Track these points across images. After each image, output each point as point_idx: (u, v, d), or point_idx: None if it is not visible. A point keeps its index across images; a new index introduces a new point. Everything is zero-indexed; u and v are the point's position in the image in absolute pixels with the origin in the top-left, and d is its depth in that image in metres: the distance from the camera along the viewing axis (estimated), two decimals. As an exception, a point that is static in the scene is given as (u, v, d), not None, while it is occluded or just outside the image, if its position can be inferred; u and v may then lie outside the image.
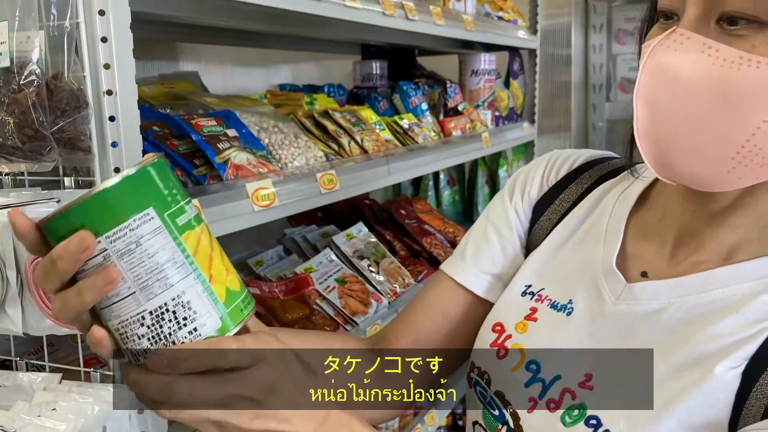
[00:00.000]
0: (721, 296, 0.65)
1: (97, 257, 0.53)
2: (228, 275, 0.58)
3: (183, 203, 0.57)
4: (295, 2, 1.20)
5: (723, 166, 0.60)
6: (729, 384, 0.61)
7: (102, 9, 0.84)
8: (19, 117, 0.77)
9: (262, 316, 1.41)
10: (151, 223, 0.54)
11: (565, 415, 0.68)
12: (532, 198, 0.86)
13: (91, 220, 0.53)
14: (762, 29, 0.56)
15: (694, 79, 0.58)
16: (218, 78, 1.97)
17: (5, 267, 0.88)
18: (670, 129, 0.61)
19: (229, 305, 0.57)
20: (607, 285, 0.72)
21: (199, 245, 0.56)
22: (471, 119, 2.15)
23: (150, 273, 0.54)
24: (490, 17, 2.38)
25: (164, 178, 0.56)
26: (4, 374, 0.96)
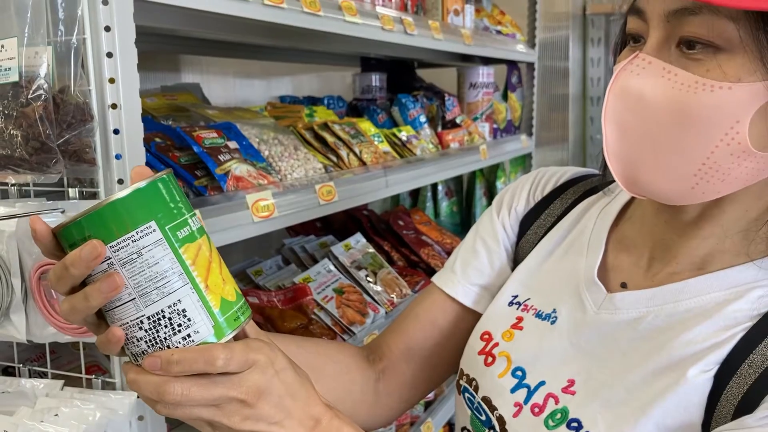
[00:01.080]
0: (695, 305, 0.68)
1: (103, 264, 0.56)
2: (225, 285, 0.61)
3: (187, 216, 0.60)
4: (297, 18, 1.23)
5: (686, 182, 0.63)
6: (701, 387, 0.64)
7: (108, 25, 0.86)
8: (27, 130, 0.80)
9: (261, 325, 1.42)
10: (153, 236, 0.57)
11: (548, 419, 0.71)
12: (519, 213, 0.90)
13: (100, 229, 0.56)
14: (716, 54, 0.60)
15: (655, 102, 0.62)
16: (220, 89, 2.00)
17: (10, 275, 0.90)
18: (635, 149, 0.65)
19: (225, 313, 0.60)
20: (589, 295, 0.76)
21: (198, 257, 0.59)
22: (469, 131, 2.18)
23: (149, 281, 0.57)
24: (489, 31, 2.42)
25: (170, 192, 0.59)
26: (7, 380, 0.98)
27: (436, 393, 2.15)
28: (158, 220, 0.57)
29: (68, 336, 0.92)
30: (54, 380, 0.96)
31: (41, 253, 0.58)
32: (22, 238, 0.89)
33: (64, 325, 0.91)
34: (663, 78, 0.61)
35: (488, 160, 2.19)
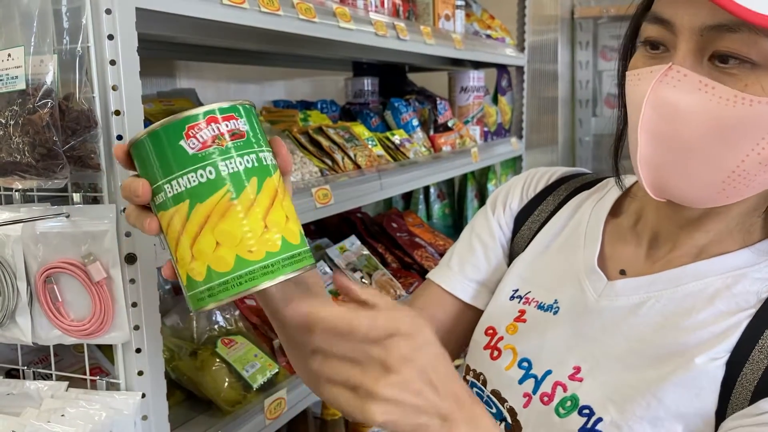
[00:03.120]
0: (695, 289, 0.71)
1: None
2: (202, 255, 0.56)
3: (161, 182, 0.57)
4: (293, 24, 1.26)
5: (714, 188, 0.66)
6: (712, 374, 0.66)
7: (111, 33, 0.88)
8: (34, 137, 0.82)
9: (258, 327, 1.44)
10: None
11: (558, 407, 0.72)
12: (514, 210, 0.92)
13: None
14: (753, 70, 0.61)
15: (691, 114, 0.63)
16: (214, 94, 2.01)
17: (16, 278, 0.92)
18: (668, 157, 0.66)
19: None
20: (590, 283, 0.78)
21: (169, 225, 0.57)
22: (460, 135, 2.21)
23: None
24: (479, 35, 2.45)
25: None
26: (12, 383, 1.00)
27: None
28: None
29: (73, 338, 0.93)
30: (58, 382, 0.98)
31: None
32: (27, 242, 0.91)
33: (69, 327, 0.92)
34: (700, 91, 0.62)
35: (479, 162, 2.22)
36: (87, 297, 0.92)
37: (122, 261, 0.92)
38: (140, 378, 0.95)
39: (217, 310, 1.31)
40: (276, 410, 1.23)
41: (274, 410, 1.23)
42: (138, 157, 0.57)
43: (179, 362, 1.21)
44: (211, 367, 1.20)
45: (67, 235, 0.91)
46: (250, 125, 0.56)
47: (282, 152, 0.63)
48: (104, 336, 0.92)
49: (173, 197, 0.54)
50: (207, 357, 1.21)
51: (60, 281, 0.92)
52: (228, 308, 1.34)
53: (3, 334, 0.95)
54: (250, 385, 1.22)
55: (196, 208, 0.54)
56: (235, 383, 1.21)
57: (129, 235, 0.92)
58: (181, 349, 1.22)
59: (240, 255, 0.53)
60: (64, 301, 0.93)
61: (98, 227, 0.90)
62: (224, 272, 0.53)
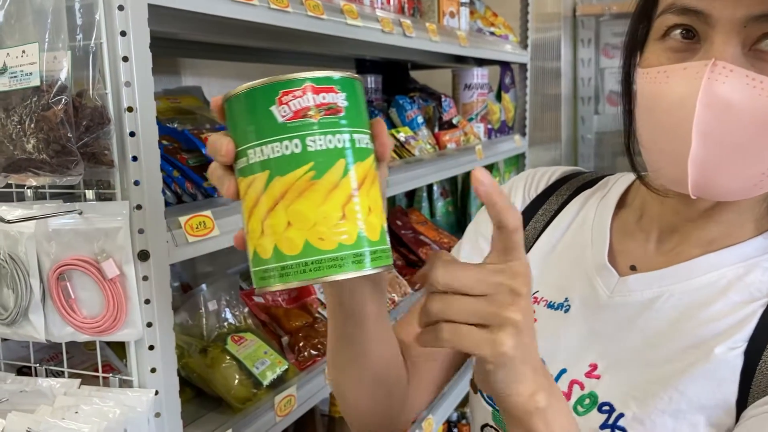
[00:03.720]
0: (707, 281, 0.71)
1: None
2: (275, 233, 0.51)
3: (246, 146, 0.52)
4: (301, 21, 1.25)
5: (752, 182, 0.65)
6: (731, 364, 0.66)
7: (123, 30, 0.88)
8: (48, 133, 0.81)
9: (266, 325, 1.44)
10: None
11: (576, 405, 0.72)
12: (517, 209, 0.91)
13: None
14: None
15: (742, 110, 0.61)
16: (219, 92, 2.01)
17: (29, 275, 0.91)
18: (716, 155, 0.64)
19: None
20: (601, 280, 0.78)
21: (246, 193, 0.53)
22: (465, 132, 2.21)
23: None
24: (482, 32, 2.45)
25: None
26: (24, 380, 1.00)
27: (435, 390, 2.17)
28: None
29: (86, 335, 0.93)
30: (71, 379, 0.98)
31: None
32: (40, 239, 0.91)
33: (82, 324, 0.92)
34: (748, 86, 0.61)
35: (483, 160, 2.22)
36: (100, 294, 0.92)
37: (135, 258, 0.92)
38: (153, 375, 0.95)
39: (226, 307, 1.31)
40: (286, 407, 1.23)
41: (284, 407, 1.23)
42: (230, 114, 0.53)
43: (189, 359, 1.21)
44: (221, 364, 1.20)
45: (80, 232, 0.91)
46: (351, 101, 0.50)
47: (381, 136, 0.57)
48: (117, 333, 0.92)
49: (254, 165, 0.50)
50: (217, 354, 1.21)
51: (73, 278, 0.92)
52: (237, 305, 1.34)
53: (16, 332, 0.95)
54: (260, 382, 1.22)
55: (275, 181, 0.49)
56: (245, 380, 1.21)
57: (142, 232, 0.92)
58: (191, 347, 1.22)
59: (309, 240, 0.49)
60: (76, 299, 0.93)
61: (111, 224, 0.90)
62: (290, 255, 0.49)
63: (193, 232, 1.01)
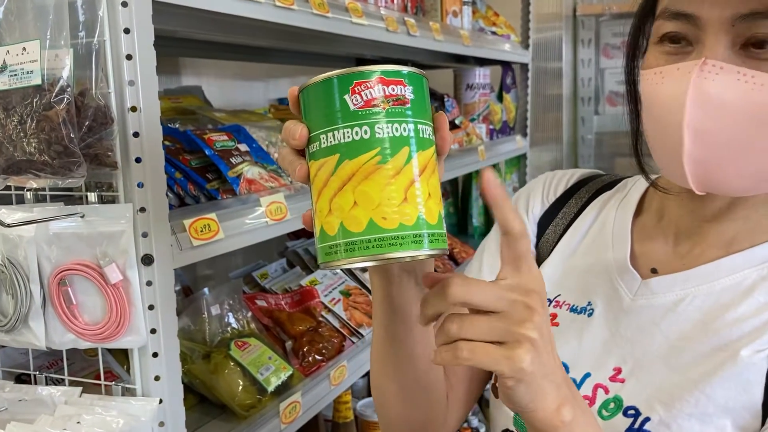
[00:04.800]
0: (731, 283, 0.71)
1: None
2: (344, 210, 0.54)
3: (319, 131, 0.56)
4: (306, 19, 1.23)
5: (760, 176, 0.66)
6: (758, 366, 0.65)
7: (127, 27, 0.85)
8: (49, 134, 0.79)
9: (270, 329, 1.42)
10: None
11: (601, 410, 0.72)
12: (536, 215, 0.91)
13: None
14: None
15: (734, 106, 0.62)
16: (219, 92, 1.98)
17: (29, 281, 0.89)
18: (715, 152, 0.65)
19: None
20: (623, 283, 0.77)
21: (317, 175, 0.56)
22: (467, 133, 2.18)
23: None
24: (484, 32, 2.42)
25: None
26: (24, 388, 0.97)
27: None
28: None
29: (88, 342, 0.90)
30: (72, 387, 0.95)
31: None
32: (40, 243, 0.88)
33: (84, 331, 0.89)
34: (740, 81, 0.62)
35: (486, 160, 2.20)
36: (102, 300, 0.89)
37: (139, 262, 0.89)
38: (157, 383, 0.92)
39: (229, 312, 1.28)
40: (291, 414, 1.20)
41: (289, 414, 1.20)
42: (305, 102, 0.57)
43: (192, 366, 1.18)
44: (225, 370, 1.17)
45: (82, 235, 0.88)
46: (417, 95, 0.54)
47: (443, 130, 0.58)
48: (120, 340, 0.89)
49: (326, 149, 0.54)
50: (221, 360, 1.18)
51: (74, 283, 0.89)
52: (240, 309, 1.31)
53: (15, 339, 0.92)
54: (265, 388, 1.19)
55: (344, 164, 0.53)
56: (249, 387, 1.18)
57: (146, 235, 0.89)
58: (194, 352, 1.20)
59: (374, 219, 0.53)
60: (78, 304, 0.90)
61: (114, 227, 0.87)
62: (355, 232, 0.53)
63: (197, 236, 0.98)
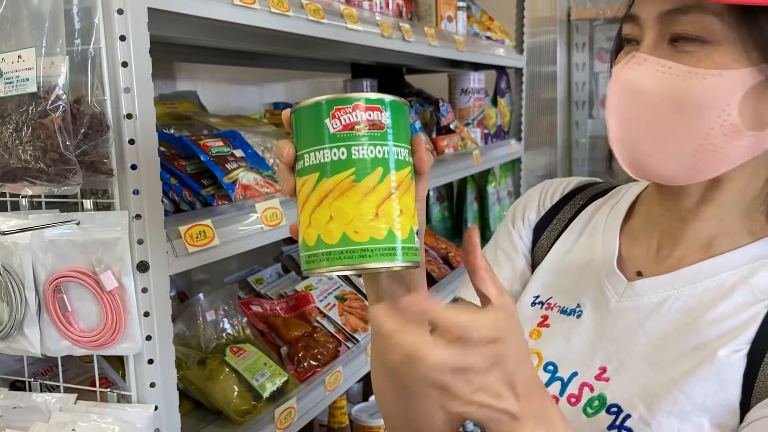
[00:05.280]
0: (712, 285, 0.73)
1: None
2: (312, 226, 0.59)
3: (303, 151, 0.60)
4: (302, 26, 1.23)
5: (686, 162, 0.70)
6: (735, 366, 0.68)
7: (123, 35, 0.86)
8: (45, 141, 0.79)
9: (265, 334, 1.42)
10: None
11: (586, 407, 0.74)
12: (532, 221, 0.94)
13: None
14: (704, 46, 0.67)
15: (653, 93, 0.69)
16: (213, 96, 1.98)
17: (24, 288, 0.88)
18: (638, 136, 0.71)
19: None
20: (611, 286, 0.80)
21: (300, 189, 0.61)
22: (462, 137, 2.19)
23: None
24: (479, 37, 2.43)
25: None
26: (18, 395, 0.97)
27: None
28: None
29: (83, 349, 0.90)
30: (67, 394, 0.95)
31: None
32: (35, 250, 0.88)
33: (80, 338, 0.89)
34: (658, 72, 0.68)
35: (481, 165, 2.20)
36: (98, 307, 0.89)
37: (134, 269, 0.89)
38: (152, 390, 0.92)
39: (224, 317, 1.28)
40: (286, 420, 1.20)
41: (285, 420, 1.20)
42: (295, 123, 0.61)
43: (187, 372, 1.18)
44: (220, 376, 1.17)
45: (78, 242, 0.88)
46: (393, 120, 0.59)
47: (419, 151, 0.62)
48: (116, 347, 0.89)
49: (309, 167, 0.59)
50: (216, 366, 1.18)
51: (69, 290, 0.89)
52: (235, 315, 1.31)
53: (10, 346, 0.91)
54: (260, 394, 1.19)
55: (323, 182, 0.58)
56: (244, 392, 1.18)
57: (141, 242, 0.89)
58: (189, 358, 1.20)
59: (346, 233, 0.57)
60: (73, 311, 0.90)
61: (110, 235, 0.87)
62: (329, 244, 0.57)
63: (192, 242, 0.98)
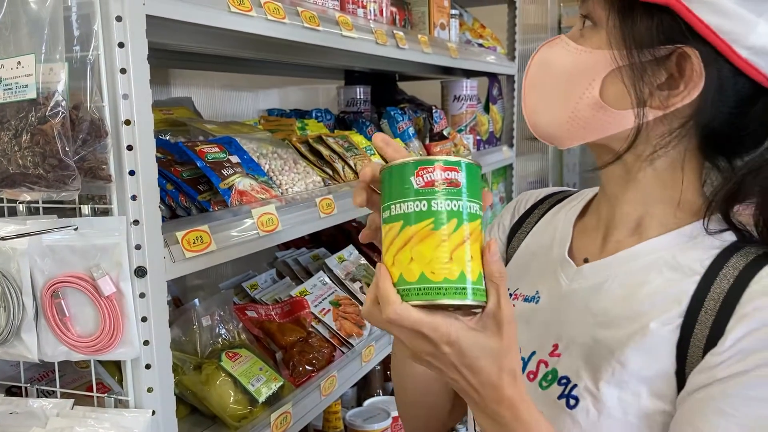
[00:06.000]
0: (647, 263, 0.81)
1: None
2: (408, 264, 0.68)
3: (389, 203, 0.70)
4: (298, 33, 1.24)
5: (563, 126, 0.82)
6: (667, 338, 0.74)
7: (121, 41, 0.86)
8: (44, 147, 0.79)
9: (260, 340, 1.42)
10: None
11: (541, 381, 0.84)
12: (506, 226, 1.06)
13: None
14: (594, 28, 0.79)
15: (553, 64, 0.82)
16: (208, 102, 1.99)
17: (21, 293, 0.89)
18: (536, 99, 0.85)
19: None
20: (563, 272, 0.89)
21: (386, 235, 0.70)
22: (455, 143, 2.20)
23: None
24: (471, 44, 2.45)
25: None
26: (14, 401, 0.97)
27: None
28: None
29: (81, 354, 0.91)
30: (63, 399, 0.95)
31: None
32: (33, 255, 0.88)
33: (77, 343, 0.90)
34: (560, 47, 0.81)
35: (474, 171, 2.21)
36: (95, 312, 0.89)
37: (132, 274, 0.89)
38: (150, 395, 0.92)
39: (220, 323, 1.29)
40: (282, 424, 1.21)
41: (280, 425, 1.20)
42: (384, 178, 0.71)
43: (183, 377, 1.18)
44: (216, 381, 1.17)
45: (75, 248, 0.88)
46: (468, 179, 0.69)
47: (485, 203, 0.72)
48: (114, 352, 0.89)
49: (395, 216, 0.68)
50: (212, 371, 1.18)
51: (67, 296, 0.89)
52: (231, 320, 1.31)
53: (7, 351, 0.92)
54: (256, 399, 1.19)
55: (406, 229, 0.67)
56: (240, 397, 1.18)
57: (139, 247, 0.89)
58: (185, 363, 1.20)
59: (424, 273, 0.66)
60: (71, 316, 0.90)
61: (108, 240, 0.87)
62: (410, 282, 0.67)
63: (190, 248, 0.99)
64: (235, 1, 1.07)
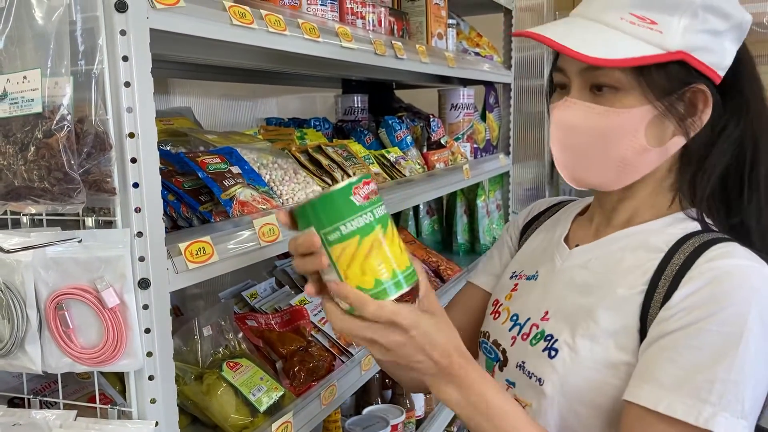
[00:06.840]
0: (625, 245, 0.98)
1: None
2: (363, 276, 0.78)
3: (338, 224, 0.77)
4: (298, 44, 1.25)
5: (611, 174, 0.96)
6: (632, 300, 0.92)
7: (125, 55, 0.87)
8: (50, 160, 0.80)
9: (260, 349, 1.42)
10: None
11: (532, 340, 1.01)
12: (519, 225, 1.26)
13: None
14: (614, 92, 0.92)
15: (581, 126, 0.94)
16: (208, 112, 2.00)
17: (26, 305, 0.89)
18: (573, 159, 0.98)
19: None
20: (558, 255, 1.07)
21: (341, 254, 0.78)
22: (452, 152, 2.21)
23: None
24: (468, 53, 2.46)
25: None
26: (17, 412, 0.97)
27: (426, 410, 2.16)
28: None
29: (84, 366, 0.91)
30: (66, 411, 0.95)
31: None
32: (37, 267, 0.89)
33: (81, 354, 0.90)
34: (584, 111, 0.94)
35: (470, 179, 2.23)
36: (98, 324, 0.90)
37: (136, 286, 0.90)
38: (153, 406, 0.93)
39: (220, 333, 1.29)
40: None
41: (281, 434, 1.21)
42: (316, 208, 0.78)
43: (184, 387, 1.18)
44: (218, 391, 1.18)
45: (79, 260, 0.89)
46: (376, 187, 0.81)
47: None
48: (117, 363, 0.90)
49: (346, 234, 0.77)
50: (213, 381, 1.18)
51: (71, 308, 0.90)
52: (231, 330, 1.32)
53: (11, 363, 0.92)
54: (257, 408, 1.20)
55: (363, 241, 0.77)
56: (241, 407, 1.18)
57: (143, 259, 0.90)
58: (186, 374, 1.20)
59: (378, 277, 0.77)
60: (74, 328, 0.90)
61: (112, 252, 0.88)
62: (368, 288, 0.77)
63: (193, 259, 0.99)
64: (237, 14, 1.08)
